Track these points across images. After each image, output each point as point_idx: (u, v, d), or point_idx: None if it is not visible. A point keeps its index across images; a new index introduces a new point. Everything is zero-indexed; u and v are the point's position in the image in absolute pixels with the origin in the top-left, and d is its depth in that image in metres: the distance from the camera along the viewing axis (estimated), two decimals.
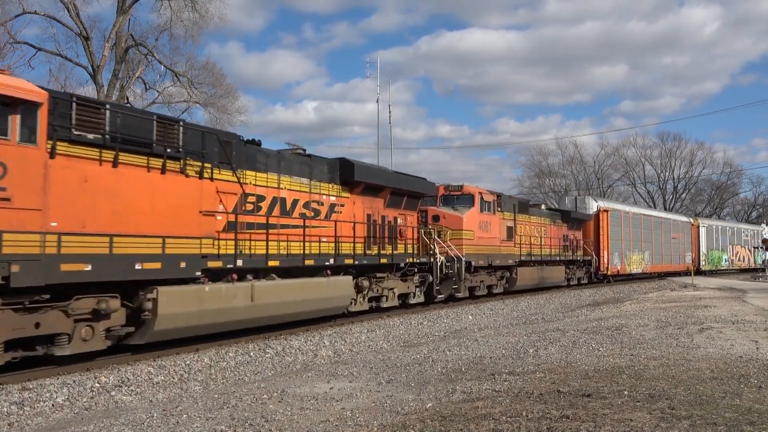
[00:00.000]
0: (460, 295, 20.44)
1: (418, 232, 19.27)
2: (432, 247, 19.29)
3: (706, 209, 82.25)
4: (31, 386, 8.23)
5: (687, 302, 20.41)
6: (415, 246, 18.88)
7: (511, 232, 24.82)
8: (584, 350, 10.56)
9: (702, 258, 48.39)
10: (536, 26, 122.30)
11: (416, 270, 18.54)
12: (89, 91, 33.47)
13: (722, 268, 51.42)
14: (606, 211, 35.07)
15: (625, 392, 7.17)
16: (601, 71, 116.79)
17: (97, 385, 8.52)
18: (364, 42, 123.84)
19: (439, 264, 19.17)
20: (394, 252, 17.64)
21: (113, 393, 8.35)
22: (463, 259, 20.22)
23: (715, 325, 13.63)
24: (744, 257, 57.04)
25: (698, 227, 48.52)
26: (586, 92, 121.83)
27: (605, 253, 34.52)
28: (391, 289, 17.35)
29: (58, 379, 8.70)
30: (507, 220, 24.64)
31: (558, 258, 29.67)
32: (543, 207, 30.99)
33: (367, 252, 16.31)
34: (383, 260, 16.79)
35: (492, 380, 8.22)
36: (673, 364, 9.01)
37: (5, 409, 7.36)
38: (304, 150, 15.32)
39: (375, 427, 6.13)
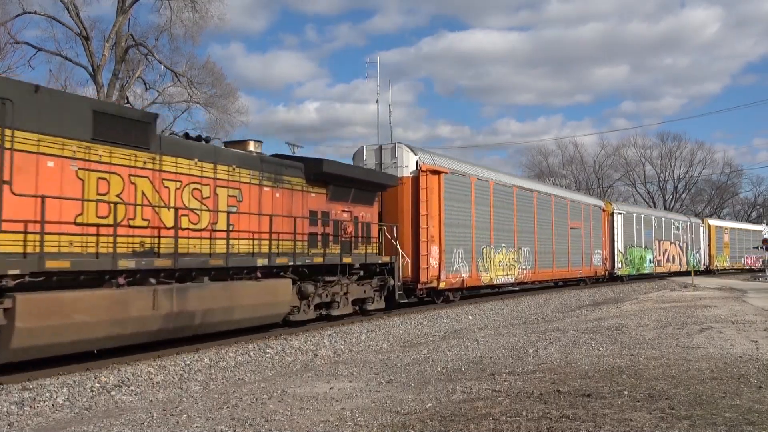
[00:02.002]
0: None
1: None
2: None
3: (706, 209, 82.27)
4: (31, 386, 8.23)
5: (687, 302, 20.41)
6: None
7: None
8: (584, 350, 10.56)
9: (617, 258, 34.22)
10: (538, 27, 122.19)
11: None
12: (89, 91, 33.51)
13: (645, 272, 38.16)
14: (437, 172, 18.99)
15: (625, 392, 7.17)
16: (602, 72, 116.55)
17: (97, 385, 8.52)
18: (365, 43, 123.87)
19: None
20: None
21: (113, 393, 8.35)
22: None
23: (715, 325, 13.64)
24: (674, 257, 42.74)
25: (612, 214, 34.30)
26: (588, 93, 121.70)
27: (433, 249, 18.57)
28: None
29: (58, 379, 8.70)
30: None
31: (274, 262, 12.98)
32: (253, 147, 13.88)
33: None
34: None
35: (492, 380, 8.23)
36: (673, 364, 9.01)
37: (5, 409, 7.36)
38: None
39: (375, 427, 6.13)
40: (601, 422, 5.92)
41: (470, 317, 17.94)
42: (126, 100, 33.25)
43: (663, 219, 41.99)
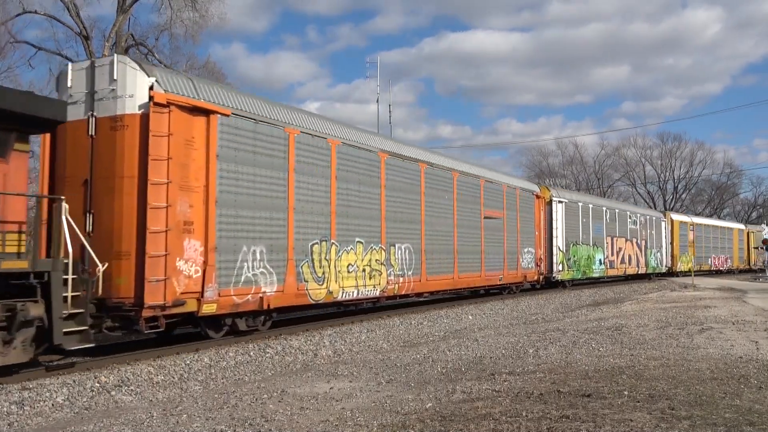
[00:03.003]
0: None
1: None
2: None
3: (706, 209, 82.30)
4: (31, 386, 8.23)
5: (687, 302, 20.41)
6: None
7: None
8: (584, 350, 10.56)
9: (556, 257, 26.75)
10: (539, 28, 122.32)
11: None
12: None
13: (594, 275, 30.73)
14: (202, 111, 11.15)
15: (625, 392, 7.17)
16: (603, 72, 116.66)
17: (97, 384, 8.52)
18: (367, 43, 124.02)
19: None
20: None
21: (113, 393, 8.35)
22: None
23: (715, 325, 13.63)
24: (630, 257, 35.15)
25: (551, 202, 26.81)
26: (589, 93, 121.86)
27: (190, 246, 10.82)
28: None
29: (58, 378, 8.70)
30: None
31: None
32: None
33: None
34: None
35: (492, 380, 8.23)
36: (673, 364, 9.01)
37: (5, 409, 7.36)
38: None
39: (375, 427, 6.13)
40: (601, 422, 5.92)
41: (470, 317, 17.94)
42: None
43: (617, 211, 34.31)
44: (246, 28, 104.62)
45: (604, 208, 32.61)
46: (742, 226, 58.11)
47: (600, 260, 31.18)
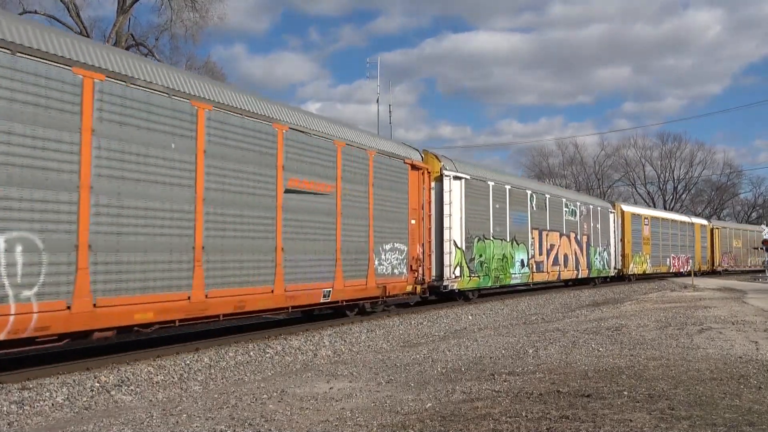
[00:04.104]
0: None
1: None
2: None
3: (706, 210, 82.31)
4: (30, 385, 8.23)
5: (687, 303, 20.40)
6: None
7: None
8: (584, 350, 10.56)
9: (451, 258, 18.79)
10: (541, 29, 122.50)
11: None
12: None
13: (513, 282, 23.02)
14: None
15: (625, 392, 7.17)
16: (604, 73, 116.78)
17: (96, 384, 8.52)
18: (368, 44, 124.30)
19: None
20: None
21: (113, 392, 8.35)
22: None
23: (714, 325, 13.63)
24: (567, 257, 27.48)
25: (441, 179, 18.63)
26: (590, 94, 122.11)
27: None
28: None
29: (58, 378, 8.71)
30: None
31: None
32: None
33: None
34: None
35: (492, 380, 8.23)
36: (673, 364, 9.01)
37: (5, 409, 7.36)
38: None
39: (375, 427, 6.13)
40: (601, 423, 5.92)
41: (470, 317, 17.94)
42: None
43: (548, 197, 25.79)
44: (247, 28, 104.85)
45: (529, 192, 24.24)
46: (704, 222, 49.53)
47: (522, 261, 23.42)
